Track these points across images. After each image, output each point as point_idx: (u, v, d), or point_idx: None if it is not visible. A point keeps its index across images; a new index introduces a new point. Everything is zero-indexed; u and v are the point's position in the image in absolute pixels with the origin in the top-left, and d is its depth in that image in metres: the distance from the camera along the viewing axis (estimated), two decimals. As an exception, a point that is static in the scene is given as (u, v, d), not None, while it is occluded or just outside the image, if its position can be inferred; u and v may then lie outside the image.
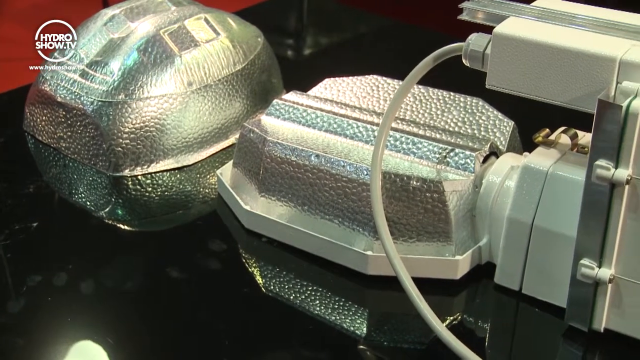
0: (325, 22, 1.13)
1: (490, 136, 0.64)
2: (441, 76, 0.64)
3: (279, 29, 1.08)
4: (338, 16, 1.14)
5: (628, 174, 0.49)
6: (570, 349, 0.55)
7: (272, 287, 0.60)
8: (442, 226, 0.58)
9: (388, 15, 1.17)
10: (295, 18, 1.14)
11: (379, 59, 0.95)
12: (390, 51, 0.97)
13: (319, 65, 0.97)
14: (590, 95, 0.50)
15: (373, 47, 1.02)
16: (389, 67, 0.69)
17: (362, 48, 1.02)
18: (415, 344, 0.56)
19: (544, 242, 0.56)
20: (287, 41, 1.06)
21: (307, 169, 0.61)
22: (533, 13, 0.55)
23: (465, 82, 0.60)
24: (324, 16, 1.14)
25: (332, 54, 1.03)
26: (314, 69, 0.95)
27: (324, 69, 0.86)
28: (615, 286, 0.52)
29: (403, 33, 1.06)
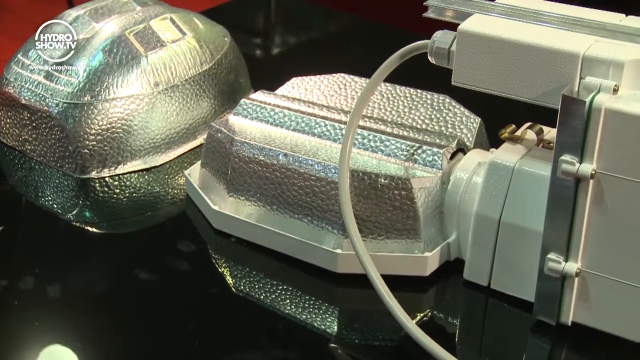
0: (293, 21, 1.12)
1: (458, 133, 0.64)
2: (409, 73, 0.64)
3: (247, 28, 1.08)
4: (306, 15, 1.14)
5: (592, 169, 0.49)
6: (538, 343, 0.55)
7: (241, 287, 0.60)
8: (410, 223, 0.59)
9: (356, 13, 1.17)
10: (263, 17, 1.13)
11: (347, 58, 0.95)
12: (358, 49, 0.98)
13: (287, 64, 0.97)
14: (554, 91, 0.51)
15: (341, 45, 1.02)
16: (357, 65, 0.69)
17: (330, 47, 1.02)
18: (386, 341, 0.56)
19: (511, 237, 0.56)
20: (255, 40, 1.06)
21: (275, 168, 0.61)
22: (498, 10, 0.56)
23: (432, 79, 0.60)
24: (291, 15, 1.14)
25: (300, 53, 1.03)
26: (282, 68, 0.94)
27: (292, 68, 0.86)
28: (581, 280, 0.52)
29: (371, 31, 1.06)
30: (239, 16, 1.09)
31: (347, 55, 0.96)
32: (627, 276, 0.51)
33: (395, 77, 0.62)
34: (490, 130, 0.66)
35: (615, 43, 0.51)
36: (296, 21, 1.12)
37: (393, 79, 0.65)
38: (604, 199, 0.50)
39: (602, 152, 0.49)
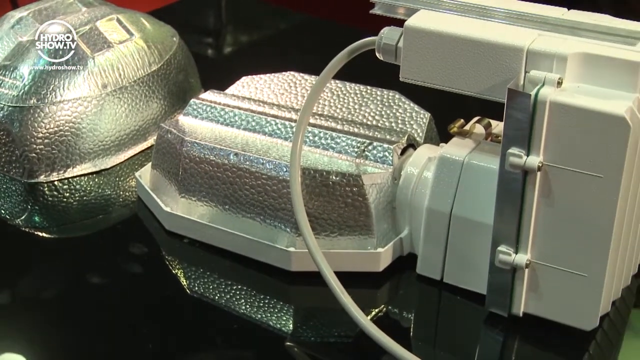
0: (244, 19, 1.12)
1: (408, 128, 0.64)
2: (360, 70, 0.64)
3: (197, 27, 1.07)
4: (256, 13, 1.13)
5: (539, 161, 0.50)
6: (491, 335, 0.56)
7: (195, 288, 0.60)
8: (363, 219, 0.59)
9: (307, 11, 1.17)
10: (213, 16, 1.13)
11: (298, 56, 0.95)
12: (309, 47, 0.98)
13: (239, 64, 0.97)
14: (500, 85, 0.51)
15: (292, 43, 1.02)
16: (308, 63, 0.69)
17: (281, 45, 1.02)
18: (342, 337, 0.56)
19: (462, 231, 0.56)
20: (206, 40, 1.06)
21: (226, 167, 0.61)
22: (444, 6, 0.56)
23: (383, 75, 0.60)
24: (242, 14, 1.13)
25: (251, 51, 1.02)
26: (233, 67, 0.94)
27: (243, 67, 0.85)
28: (531, 271, 0.53)
29: (322, 29, 1.06)
30: (189, 16, 1.08)
31: (298, 53, 0.96)
32: (575, 266, 0.51)
33: (346, 74, 0.62)
34: (440, 125, 0.67)
35: (558, 37, 0.51)
36: (247, 20, 1.12)
37: (343, 76, 0.65)
38: (551, 191, 0.51)
39: (548, 144, 0.50)
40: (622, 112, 0.47)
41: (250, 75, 0.72)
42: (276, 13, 1.13)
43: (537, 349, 0.55)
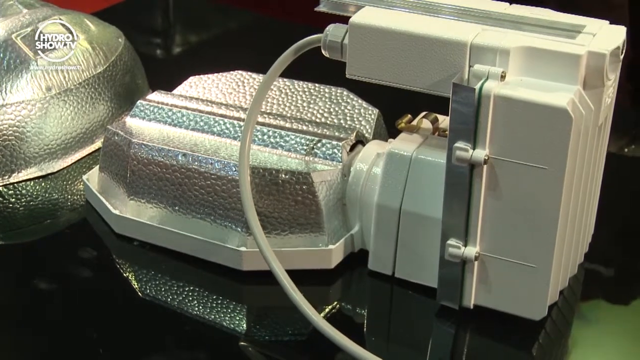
0: (192, 19, 1.11)
1: (356, 125, 0.64)
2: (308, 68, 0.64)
3: (144, 27, 1.06)
4: (205, 13, 1.13)
5: (485, 154, 0.50)
6: (443, 328, 0.56)
7: (147, 290, 0.59)
8: (313, 217, 0.59)
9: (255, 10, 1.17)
10: (161, 16, 1.12)
11: (246, 55, 0.95)
12: (258, 46, 0.97)
13: (187, 64, 0.96)
14: (446, 80, 0.52)
15: (241, 42, 1.02)
16: (258, 62, 0.69)
17: (229, 44, 1.02)
18: (296, 335, 0.56)
19: (412, 225, 0.57)
20: (153, 40, 1.05)
21: (175, 168, 0.60)
22: (388, 2, 0.56)
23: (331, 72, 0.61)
24: (190, 13, 1.13)
25: (200, 51, 1.02)
26: (182, 67, 0.93)
27: (191, 67, 0.85)
28: (481, 263, 0.54)
29: (270, 27, 1.06)
30: (135, 16, 1.07)
31: (247, 52, 0.96)
32: (522, 257, 0.52)
33: (295, 72, 0.62)
34: (388, 121, 0.67)
35: (501, 31, 0.52)
36: (195, 19, 1.11)
37: (293, 74, 0.65)
38: (497, 183, 0.51)
39: (493, 138, 0.50)
40: (564, 104, 0.48)
41: (198, 75, 0.72)
42: (225, 12, 1.12)
43: (488, 339, 0.56)
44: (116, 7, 1.07)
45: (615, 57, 0.51)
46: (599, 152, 0.56)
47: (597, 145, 0.54)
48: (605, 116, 0.55)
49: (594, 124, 0.52)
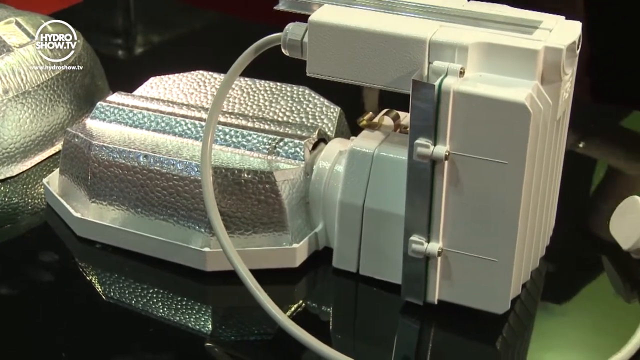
0: (154, 19, 1.10)
1: (319, 123, 0.64)
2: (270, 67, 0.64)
3: (104, 28, 1.05)
4: (166, 12, 1.12)
5: (446, 150, 0.51)
6: (408, 324, 0.56)
7: (111, 293, 0.59)
8: (276, 216, 0.59)
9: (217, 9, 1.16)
10: (121, 16, 1.11)
11: (208, 54, 0.94)
12: (220, 46, 0.97)
13: (148, 64, 0.96)
14: (405, 77, 0.52)
15: (202, 42, 1.01)
16: (219, 61, 0.69)
17: (192, 44, 1.01)
18: (262, 335, 0.56)
19: (375, 222, 0.57)
20: (114, 41, 1.04)
21: (136, 170, 0.60)
22: (347, 0, 0.56)
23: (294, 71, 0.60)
24: (151, 13, 1.12)
25: (161, 51, 1.01)
26: (144, 68, 0.93)
27: (153, 68, 0.84)
28: (444, 259, 0.54)
29: (232, 27, 1.05)
30: (95, 16, 1.06)
31: (208, 52, 0.95)
32: (485, 251, 0.53)
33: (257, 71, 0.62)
34: (351, 119, 0.67)
35: (459, 27, 0.52)
36: (156, 19, 1.10)
37: (254, 73, 0.65)
38: (459, 179, 0.52)
39: (453, 133, 0.51)
40: (522, 99, 0.48)
41: (158, 75, 0.72)
42: (186, 11, 1.11)
43: (452, 334, 0.56)
44: (75, 8, 1.06)
45: (571, 51, 0.51)
46: (557, 146, 0.56)
47: (555, 139, 0.55)
48: (563, 110, 0.55)
49: (552, 118, 0.52)
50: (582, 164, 0.77)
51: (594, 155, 0.80)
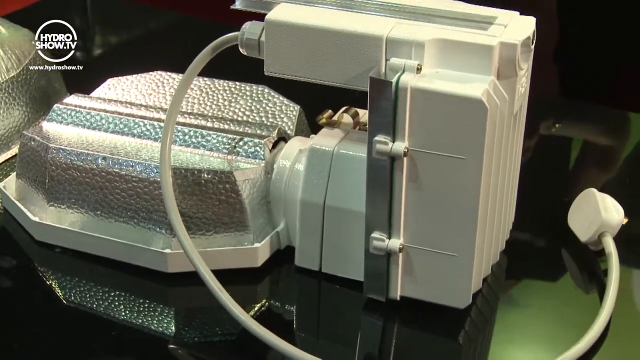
0: (111, 20, 1.09)
1: (278, 122, 0.64)
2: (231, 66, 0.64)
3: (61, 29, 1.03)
4: (123, 13, 1.11)
5: (405, 147, 0.51)
6: (371, 320, 0.57)
7: (71, 297, 0.58)
8: (237, 216, 0.59)
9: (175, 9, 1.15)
10: (79, 18, 1.09)
11: (166, 55, 0.93)
12: (178, 46, 0.96)
13: (106, 66, 0.95)
14: (363, 74, 0.52)
15: (160, 42, 1.01)
16: (177, 61, 0.68)
17: (149, 45, 1.00)
18: (226, 335, 0.56)
19: (337, 220, 0.57)
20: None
21: (95, 172, 0.59)
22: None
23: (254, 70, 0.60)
24: (109, 14, 1.11)
25: (119, 53, 1.00)
26: (102, 70, 0.91)
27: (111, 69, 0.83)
28: (405, 255, 0.54)
29: (190, 26, 1.05)
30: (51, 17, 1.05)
31: (166, 52, 0.95)
32: (445, 246, 0.53)
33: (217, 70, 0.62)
34: (311, 118, 0.67)
35: (415, 24, 0.53)
36: (114, 20, 1.09)
37: (214, 73, 0.65)
38: (418, 175, 0.52)
39: (412, 130, 0.51)
40: (478, 95, 0.49)
41: (116, 77, 0.71)
42: (144, 12, 1.11)
43: (415, 330, 0.56)
44: (30, 9, 1.04)
45: (526, 47, 0.52)
46: (515, 141, 0.57)
47: (513, 133, 0.56)
48: (520, 105, 0.56)
49: (509, 113, 0.53)
50: (542, 158, 0.77)
51: (553, 148, 0.81)
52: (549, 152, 0.80)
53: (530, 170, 0.64)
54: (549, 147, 0.80)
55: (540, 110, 0.82)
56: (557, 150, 0.81)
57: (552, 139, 0.82)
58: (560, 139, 0.83)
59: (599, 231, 0.60)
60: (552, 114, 0.84)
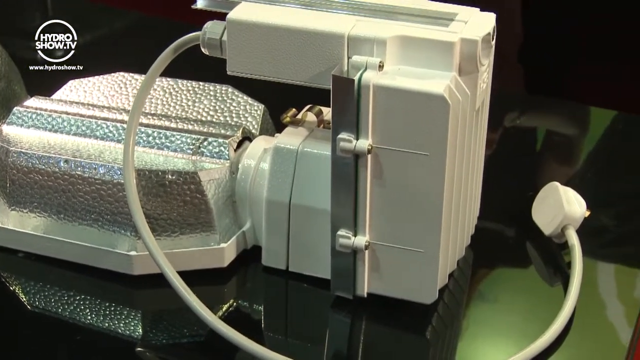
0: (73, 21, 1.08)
1: (243, 122, 0.64)
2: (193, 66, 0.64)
3: (20, 30, 1.02)
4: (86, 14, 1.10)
5: (369, 144, 0.51)
6: (339, 318, 0.57)
7: (36, 303, 0.58)
8: (203, 216, 0.58)
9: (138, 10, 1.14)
10: (39, 18, 1.08)
11: (129, 56, 0.93)
12: (141, 46, 0.95)
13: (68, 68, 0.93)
14: (326, 72, 0.52)
15: (123, 43, 1.00)
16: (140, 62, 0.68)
17: (112, 45, 0.99)
18: (194, 337, 0.56)
19: (302, 219, 0.57)
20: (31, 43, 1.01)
21: (57, 175, 0.59)
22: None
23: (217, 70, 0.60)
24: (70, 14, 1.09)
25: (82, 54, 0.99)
26: (63, 71, 0.90)
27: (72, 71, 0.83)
28: (371, 252, 0.54)
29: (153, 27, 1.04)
30: (10, 18, 1.03)
31: (129, 53, 0.94)
32: (410, 243, 0.53)
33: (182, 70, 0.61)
34: (275, 116, 0.67)
35: (377, 21, 0.53)
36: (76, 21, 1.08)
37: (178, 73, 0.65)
38: (382, 172, 0.52)
39: (375, 127, 0.51)
40: (440, 91, 0.49)
41: (78, 78, 0.70)
42: (105, 12, 1.10)
43: (383, 326, 0.56)
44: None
45: (486, 42, 0.52)
46: (478, 136, 0.57)
47: (476, 129, 0.56)
48: (482, 100, 0.56)
49: (471, 108, 0.53)
50: (505, 152, 0.78)
51: (517, 143, 0.82)
52: (513, 147, 0.80)
53: (494, 165, 0.65)
54: (513, 142, 0.81)
55: (504, 105, 0.83)
56: (520, 145, 0.81)
57: (516, 134, 0.83)
58: (524, 133, 0.83)
59: (562, 224, 0.61)
60: (515, 109, 0.85)
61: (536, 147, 0.82)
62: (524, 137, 0.83)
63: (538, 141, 0.83)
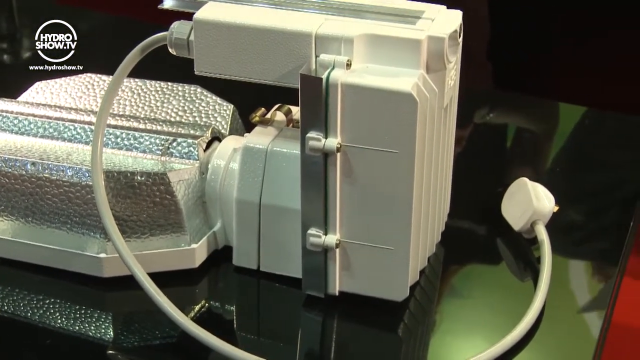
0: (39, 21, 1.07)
1: (212, 122, 0.64)
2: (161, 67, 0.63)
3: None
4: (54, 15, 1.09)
5: (337, 142, 0.51)
6: (311, 316, 0.57)
7: (4, 307, 0.57)
8: (173, 217, 0.58)
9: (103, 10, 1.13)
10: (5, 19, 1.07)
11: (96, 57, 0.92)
12: (108, 47, 0.95)
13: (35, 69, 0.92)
14: (294, 71, 0.52)
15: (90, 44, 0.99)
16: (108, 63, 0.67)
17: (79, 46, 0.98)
18: (166, 338, 0.55)
19: (273, 218, 0.57)
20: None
21: (24, 178, 0.58)
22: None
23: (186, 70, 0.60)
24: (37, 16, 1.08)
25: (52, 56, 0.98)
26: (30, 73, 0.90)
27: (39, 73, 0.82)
28: (342, 250, 0.54)
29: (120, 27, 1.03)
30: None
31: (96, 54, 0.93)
32: (381, 240, 0.53)
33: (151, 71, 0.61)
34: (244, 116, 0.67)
35: (344, 20, 0.53)
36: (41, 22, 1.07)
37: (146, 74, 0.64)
38: (352, 170, 0.52)
39: (344, 125, 0.51)
40: (408, 89, 0.49)
41: (44, 80, 0.70)
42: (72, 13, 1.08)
43: (355, 324, 0.57)
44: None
45: (453, 40, 0.52)
46: (447, 133, 0.58)
47: (444, 126, 0.56)
48: (450, 97, 0.56)
49: (439, 106, 0.53)
50: (474, 148, 0.79)
51: (486, 139, 0.82)
52: (482, 144, 0.81)
53: (464, 161, 0.65)
54: (482, 139, 0.82)
55: (473, 102, 0.84)
56: (490, 142, 0.82)
57: (485, 130, 0.83)
58: (493, 129, 0.84)
59: (532, 219, 0.61)
60: (484, 106, 0.85)
61: (505, 143, 0.83)
62: (493, 134, 0.83)
63: (507, 138, 0.84)
